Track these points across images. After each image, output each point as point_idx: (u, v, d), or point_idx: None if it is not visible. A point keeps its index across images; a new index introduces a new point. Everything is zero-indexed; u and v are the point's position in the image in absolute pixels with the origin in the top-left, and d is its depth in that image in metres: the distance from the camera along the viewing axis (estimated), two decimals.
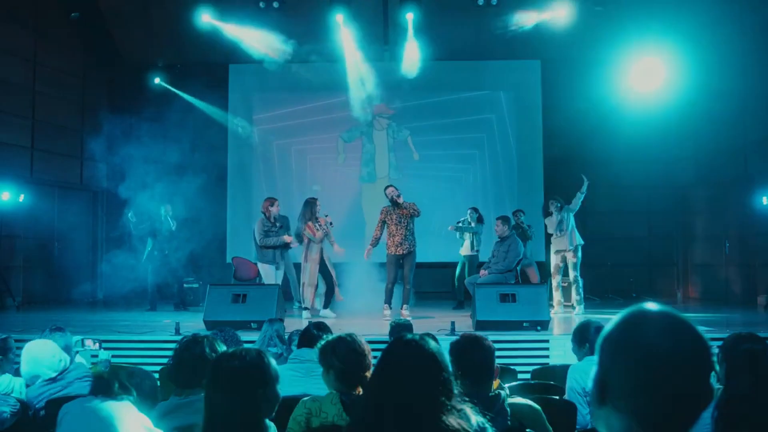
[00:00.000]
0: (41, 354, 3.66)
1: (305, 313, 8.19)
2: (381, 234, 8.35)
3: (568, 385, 3.68)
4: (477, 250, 9.72)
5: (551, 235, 9.01)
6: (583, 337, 3.79)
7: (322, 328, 3.82)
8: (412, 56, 11.06)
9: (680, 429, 1.09)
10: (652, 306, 1.15)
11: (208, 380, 2.02)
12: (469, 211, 9.88)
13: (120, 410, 2.69)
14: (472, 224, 9.78)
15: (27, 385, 3.70)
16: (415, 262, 8.40)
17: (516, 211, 10.39)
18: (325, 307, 8.32)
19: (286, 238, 8.31)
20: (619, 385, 1.09)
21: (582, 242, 8.80)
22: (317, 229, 8.21)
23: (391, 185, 8.50)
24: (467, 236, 9.74)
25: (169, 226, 9.81)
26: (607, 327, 1.16)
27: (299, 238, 8.32)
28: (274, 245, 8.28)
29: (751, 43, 10.29)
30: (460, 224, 9.82)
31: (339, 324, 7.28)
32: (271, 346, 4.60)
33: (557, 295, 8.88)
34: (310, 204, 8.37)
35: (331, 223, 8.43)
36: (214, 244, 11.85)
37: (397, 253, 8.26)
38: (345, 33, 10.71)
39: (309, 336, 3.77)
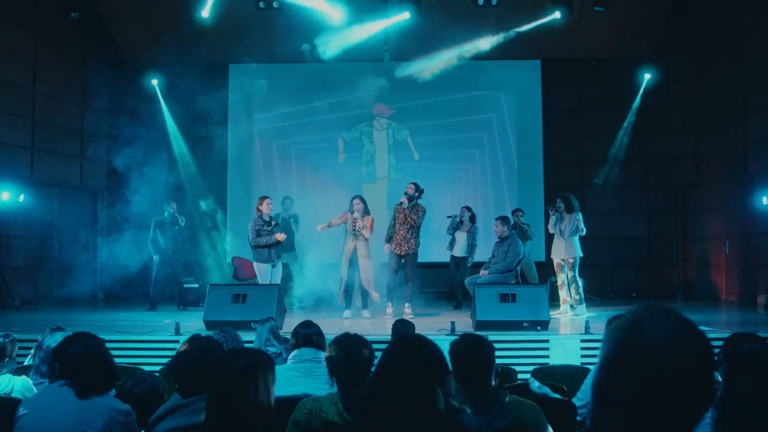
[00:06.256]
0: None
1: (346, 312, 8.17)
2: (393, 230, 8.36)
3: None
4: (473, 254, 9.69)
5: (553, 234, 8.94)
6: None
7: (308, 325, 3.82)
8: (412, 56, 11.07)
9: (682, 430, 1.08)
10: (654, 306, 1.14)
11: (213, 380, 2.02)
12: (462, 209, 9.86)
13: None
14: (463, 222, 9.75)
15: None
16: (416, 261, 8.42)
17: (515, 210, 10.39)
18: (363, 307, 8.27)
19: (279, 237, 8.25)
20: (621, 385, 1.09)
21: (580, 254, 8.60)
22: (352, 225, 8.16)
23: (413, 182, 8.46)
24: (464, 236, 9.70)
25: (176, 224, 9.82)
26: (609, 328, 1.16)
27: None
28: (266, 244, 8.25)
29: (750, 41, 10.30)
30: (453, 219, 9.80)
31: (341, 324, 7.29)
32: (270, 346, 4.58)
33: (563, 294, 8.75)
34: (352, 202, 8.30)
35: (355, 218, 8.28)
36: (213, 244, 11.87)
37: (397, 252, 8.28)
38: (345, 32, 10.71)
39: (296, 335, 3.77)
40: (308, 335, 3.71)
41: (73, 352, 2.75)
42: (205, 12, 10.36)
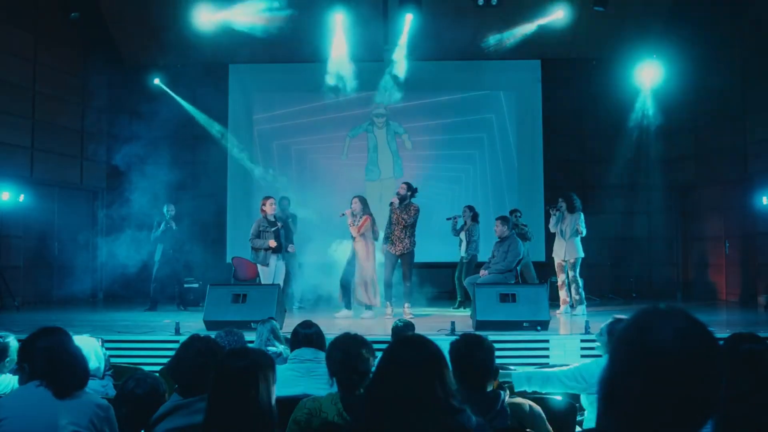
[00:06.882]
0: None
1: (342, 312, 8.19)
2: (389, 230, 8.35)
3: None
4: (473, 252, 9.65)
5: (554, 234, 8.91)
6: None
7: (308, 325, 3.82)
8: (411, 56, 11.06)
9: (690, 431, 1.08)
10: (664, 307, 1.14)
11: (213, 380, 2.02)
12: (464, 209, 9.85)
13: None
14: (467, 222, 9.72)
15: None
16: (412, 261, 8.39)
17: (513, 210, 10.35)
18: (346, 306, 8.27)
19: (271, 243, 8.22)
20: (629, 386, 1.09)
21: (581, 255, 8.57)
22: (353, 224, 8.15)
23: (405, 182, 8.47)
24: (463, 236, 9.70)
25: (172, 225, 9.83)
26: (620, 327, 1.15)
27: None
28: (260, 247, 8.25)
29: (750, 41, 10.30)
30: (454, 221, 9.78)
31: (340, 324, 7.28)
32: (270, 346, 4.59)
33: (563, 294, 8.73)
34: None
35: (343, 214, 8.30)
36: (213, 244, 11.87)
37: (392, 252, 8.27)
38: (345, 32, 10.72)
39: (296, 335, 3.77)
40: (308, 335, 3.72)
41: (41, 350, 2.62)
42: (206, 15, 10.35)
